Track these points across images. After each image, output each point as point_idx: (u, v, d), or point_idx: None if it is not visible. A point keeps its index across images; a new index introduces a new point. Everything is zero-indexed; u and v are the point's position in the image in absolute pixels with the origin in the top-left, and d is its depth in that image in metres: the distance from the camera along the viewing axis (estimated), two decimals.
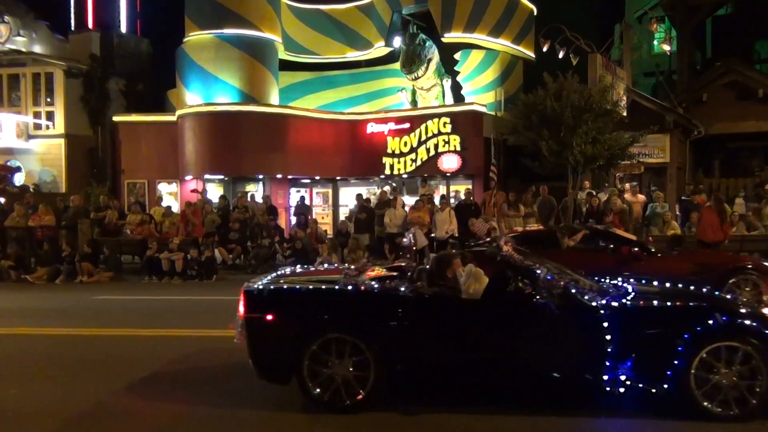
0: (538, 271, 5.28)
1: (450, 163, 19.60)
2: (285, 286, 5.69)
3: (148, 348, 7.81)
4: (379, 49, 23.19)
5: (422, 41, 21.06)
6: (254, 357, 5.36)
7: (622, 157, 15.80)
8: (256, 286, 5.53)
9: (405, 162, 20.33)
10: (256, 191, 19.88)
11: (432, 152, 19.85)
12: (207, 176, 20.24)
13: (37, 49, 24.19)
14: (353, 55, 23.66)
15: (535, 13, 23.36)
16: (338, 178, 21.83)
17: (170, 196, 20.97)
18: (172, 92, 22.52)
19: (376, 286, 5.51)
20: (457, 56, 22.32)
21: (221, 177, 20.59)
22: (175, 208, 18.79)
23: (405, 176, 20.49)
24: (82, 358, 7.33)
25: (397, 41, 22.53)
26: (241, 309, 5.39)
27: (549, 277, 5.23)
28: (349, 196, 20.70)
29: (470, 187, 18.96)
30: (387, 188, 19.07)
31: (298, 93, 23.53)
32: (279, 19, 21.65)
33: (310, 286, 5.64)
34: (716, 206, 12.33)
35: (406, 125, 20.48)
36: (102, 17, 26.72)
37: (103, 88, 24.00)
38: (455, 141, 19.54)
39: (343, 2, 23.52)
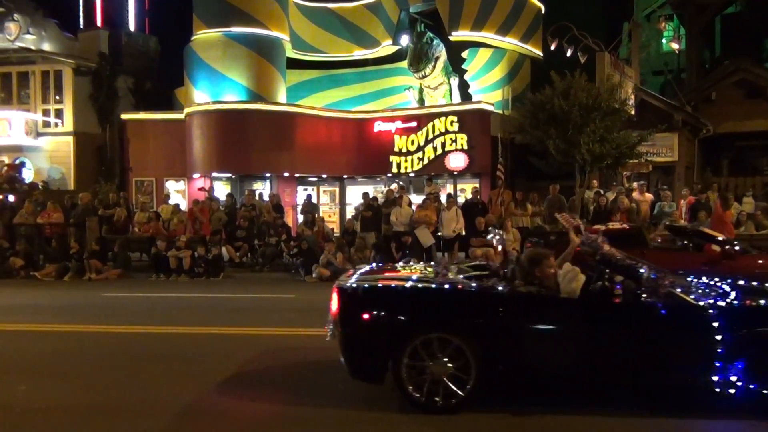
0: (642, 270, 5.18)
1: (457, 161, 19.59)
2: (380, 285, 5.59)
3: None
4: (386, 48, 23.18)
5: (429, 39, 21.05)
6: (348, 356, 5.26)
7: (630, 156, 15.77)
8: (350, 284, 5.40)
9: (412, 160, 20.33)
10: (263, 189, 19.92)
11: (439, 151, 19.84)
12: (214, 174, 20.31)
13: (47, 47, 24.31)
14: (360, 54, 23.67)
15: (543, 12, 23.29)
16: (345, 176, 21.85)
17: (178, 193, 21.05)
18: (180, 90, 22.60)
19: (474, 284, 5.41)
20: (464, 55, 22.28)
21: (229, 175, 20.65)
22: (183, 205, 18.86)
23: (412, 175, 20.49)
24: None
25: (405, 40, 22.52)
26: (335, 307, 5.28)
27: (653, 276, 5.11)
28: (356, 195, 20.73)
29: (477, 185, 18.96)
30: (394, 186, 19.07)
31: (305, 91, 23.56)
32: (287, 17, 21.68)
33: (407, 285, 5.49)
34: (721, 202, 12.35)
35: (413, 124, 20.47)
36: (111, 15, 26.85)
37: (111, 86, 24.10)
38: (462, 140, 19.52)
39: (350, 1, 23.53)
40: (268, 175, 20.69)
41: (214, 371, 6.35)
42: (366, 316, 5.15)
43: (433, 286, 5.42)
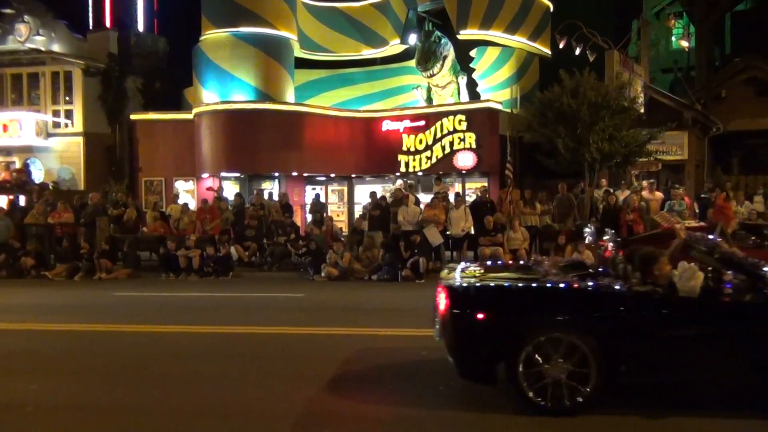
0: (766, 269, 5.12)
1: (465, 160, 19.56)
2: (492, 284, 5.50)
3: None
4: (394, 47, 23.17)
5: (438, 38, 21.03)
6: (459, 356, 5.20)
7: (639, 155, 15.70)
8: (460, 283, 5.31)
9: (420, 159, 20.31)
10: (271, 189, 19.96)
11: (447, 150, 19.81)
12: (223, 174, 20.37)
13: (56, 48, 24.46)
14: (369, 53, 23.67)
15: (552, 10, 23.20)
16: (353, 175, 21.86)
17: (187, 193, 21.13)
18: (189, 90, 22.67)
19: (591, 283, 5.31)
20: (472, 53, 22.24)
21: (237, 174, 20.70)
22: (192, 205, 18.92)
23: (420, 174, 20.48)
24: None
25: (413, 38, 22.50)
26: (443, 306, 5.19)
27: None
28: (364, 194, 20.73)
29: (486, 184, 18.93)
30: (399, 182, 19.04)
31: (313, 91, 23.58)
32: (295, 17, 21.71)
33: (522, 284, 5.39)
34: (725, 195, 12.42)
35: (422, 123, 20.46)
36: (120, 16, 26.97)
37: (120, 86, 24.22)
38: (471, 138, 19.49)
39: (358, 0, 23.54)
40: (276, 174, 20.72)
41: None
42: (480, 316, 5.06)
43: (549, 285, 5.31)
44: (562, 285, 5.26)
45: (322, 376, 6.13)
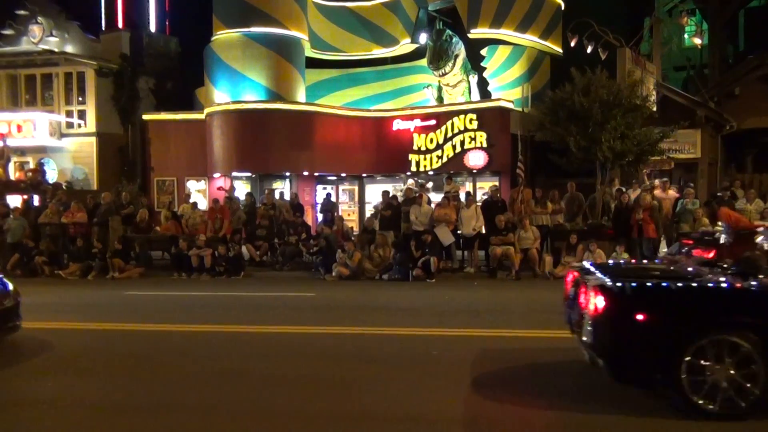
0: None
1: (476, 159, 19.51)
2: (652, 284, 5.22)
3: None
4: (405, 46, 23.16)
5: (449, 37, 20.99)
6: (613, 358, 5.05)
7: (651, 153, 15.61)
8: (615, 283, 5.11)
9: (431, 159, 20.28)
10: (282, 188, 20.02)
11: (458, 149, 19.77)
12: (234, 173, 20.45)
13: (69, 49, 24.64)
14: (379, 52, 23.67)
15: (563, 8, 23.10)
16: (364, 175, 21.87)
17: (199, 193, 21.23)
18: (201, 90, 22.77)
19: (755, 283, 5.14)
20: (483, 52, 22.19)
21: (248, 174, 20.78)
22: (203, 205, 19.02)
23: (431, 173, 20.45)
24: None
25: (423, 38, 22.48)
26: (597, 307, 5.01)
27: None
28: (375, 193, 20.75)
29: (497, 183, 18.87)
30: (411, 182, 19.01)
31: (324, 90, 23.62)
32: (306, 16, 21.75)
33: (682, 284, 5.19)
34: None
35: (432, 122, 20.43)
36: (132, 17, 27.08)
37: (133, 87, 24.36)
38: (482, 137, 19.44)
39: None
40: (287, 174, 20.78)
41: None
42: (640, 317, 4.89)
43: (711, 285, 5.19)
44: (724, 284, 5.13)
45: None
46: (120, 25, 26.42)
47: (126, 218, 16.37)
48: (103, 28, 26.53)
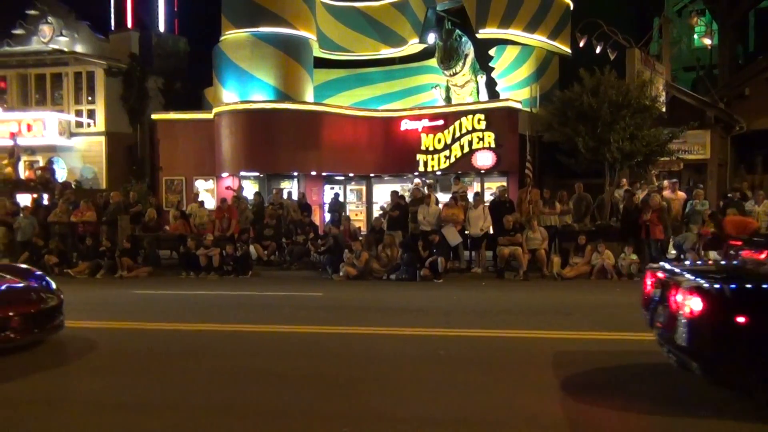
0: None
1: (484, 160, 19.49)
2: (750, 285, 5.00)
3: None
4: (413, 46, 23.16)
5: (459, 36, 20.97)
6: (710, 361, 4.88)
7: (660, 154, 15.56)
8: (713, 285, 4.89)
9: (439, 159, 20.27)
10: (290, 188, 20.06)
11: (466, 149, 19.75)
12: (243, 173, 20.51)
13: (79, 48, 24.80)
14: (387, 52, 23.67)
15: (572, 8, 23.04)
16: (372, 175, 21.88)
17: (207, 192, 21.30)
18: (209, 90, 22.85)
19: None
20: (491, 52, 22.15)
21: (257, 174, 20.83)
22: (212, 204, 19.08)
23: (439, 173, 20.44)
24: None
25: (432, 38, 22.47)
26: (693, 309, 4.83)
27: None
28: (382, 193, 20.76)
29: (505, 184, 18.83)
30: (417, 180, 18.99)
31: (332, 90, 23.65)
32: (314, 16, 21.78)
33: None
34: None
35: (440, 122, 20.42)
36: (141, 17, 27.24)
37: (142, 86, 24.49)
38: (490, 138, 19.41)
39: None
40: (295, 173, 20.82)
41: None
42: (741, 319, 4.72)
43: None
44: None
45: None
46: (129, 25, 26.59)
47: (134, 217, 16.43)
48: (113, 28, 26.72)
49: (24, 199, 18.28)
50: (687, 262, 12.46)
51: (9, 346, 6.91)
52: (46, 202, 18.02)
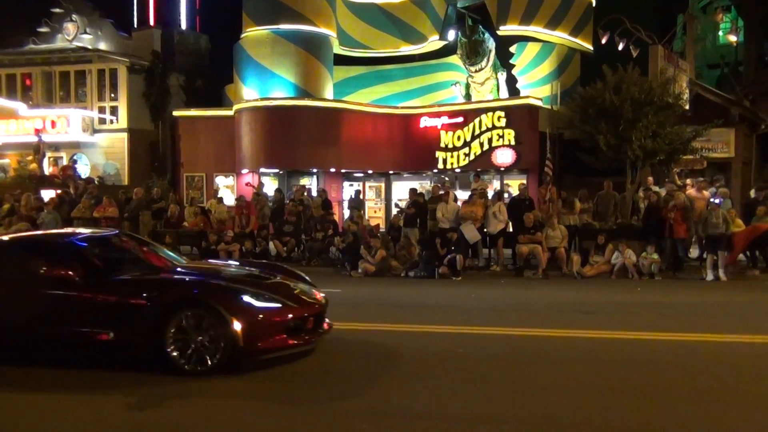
0: None
1: (504, 157, 19.39)
2: None
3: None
4: (433, 43, 23.09)
5: (482, 32, 20.89)
6: None
7: (683, 152, 15.37)
8: None
9: (458, 156, 20.21)
10: (310, 185, 20.13)
11: (486, 146, 19.67)
12: (262, 170, 20.62)
13: (102, 46, 25.08)
14: (407, 49, 23.63)
15: (594, 4, 22.82)
16: (391, 172, 21.88)
17: (227, 189, 21.46)
18: (230, 87, 23.00)
19: None
20: (512, 49, 22.01)
21: (276, 170, 20.92)
22: (231, 200, 19.20)
23: (458, 171, 20.38)
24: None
25: (452, 35, 22.38)
26: None
27: None
28: (401, 190, 20.74)
29: (524, 181, 18.73)
30: (433, 181, 18.93)
31: (352, 87, 23.68)
32: (334, 13, 21.82)
33: None
34: None
35: (460, 119, 20.35)
36: (163, 14, 27.48)
37: (163, 83, 24.69)
38: (510, 135, 19.30)
39: None
40: (315, 170, 20.89)
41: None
42: None
43: None
44: None
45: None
46: (151, 22, 26.83)
47: (156, 213, 16.59)
48: (135, 26, 26.98)
49: (48, 195, 18.53)
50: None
51: (302, 349, 6.47)
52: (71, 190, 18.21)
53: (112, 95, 24.41)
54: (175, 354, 5.88)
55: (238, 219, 16.09)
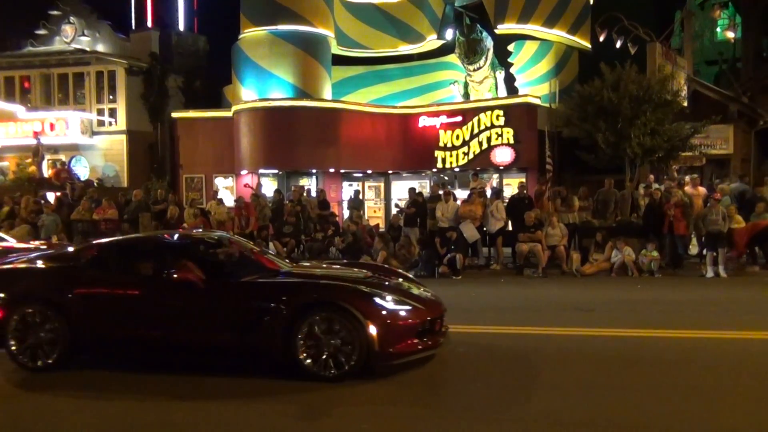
0: None
1: (503, 156, 19.39)
2: None
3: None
4: (431, 42, 23.10)
5: (480, 31, 20.90)
6: None
7: (682, 149, 15.39)
8: None
9: (457, 155, 20.21)
10: (309, 185, 20.13)
11: (485, 145, 19.67)
12: (261, 170, 20.61)
13: (100, 48, 25.08)
14: (405, 49, 23.64)
15: (591, 2, 22.83)
16: (390, 171, 21.88)
17: (226, 190, 21.45)
18: (228, 88, 23.00)
19: None
20: (510, 48, 22.03)
21: (275, 171, 20.92)
22: (230, 201, 19.19)
23: (457, 170, 20.39)
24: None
25: (449, 34, 22.39)
26: None
27: None
28: (401, 190, 20.75)
29: (524, 180, 18.74)
30: (435, 178, 18.93)
31: (350, 87, 23.68)
32: (332, 14, 21.82)
33: None
34: None
35: (459, 118, 20.35)
36: (161, 16, 27.44)
37: (162, 85, 24.68)
38: (508, 134, 19.31)
39: None
40: (314, 171, 20.89)
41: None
42: None
43: None
44: None
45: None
46: (149, 24, 26.80)
47: (156, 215, 16.59)
48: (133, 28, 26.94)
49: (50, 198, 18.52)
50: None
51: (429, 353, 6.17)
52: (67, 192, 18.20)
53: (111, 97, 24.40)
54: (306, 359, 5.68)
55: (238, 220, 16.08)
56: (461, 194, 17.37)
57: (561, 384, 5.72)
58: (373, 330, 5.61)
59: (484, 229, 14.50)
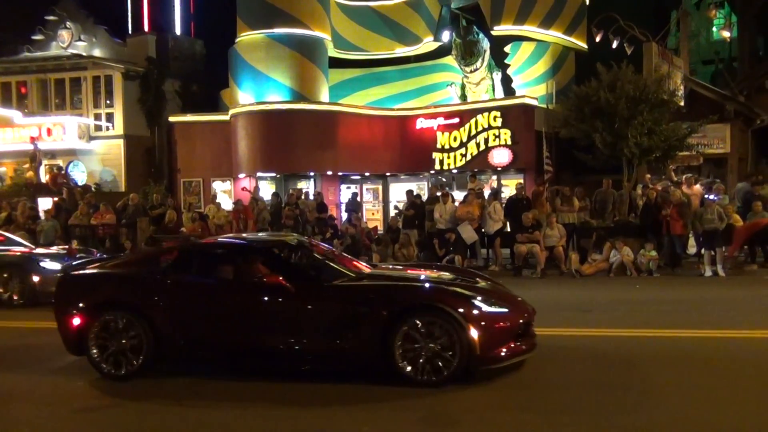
0: None
1: (501, 157, 19.41)
2: None
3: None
4: (427, 44, 23.12)
5: (476, 33, 20.93)
6: None
7: (679, 149, 15.42)
8: None
9: (455, 157, 20.22)
10: (307, 188, 20.12)
11: (482, 147, 19.68)
12: (259, 174, 20.60)
13: (97, 52, 25.06)
14: (402, 51, 23.66)
15: (587, 3, 22.86)
16: (388, 174, 21.88)
17: (224, 194, 21.44)
18: (225, 92, 23.00)
19: None
20: (507, 49, 22.04)
21: (273, 174, 20.91)
22: (229, 205, 19.18)
23: (455, 171, 20.39)
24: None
25: (446, 36, 22.41)
26: None
27: None
28: (399, 192, 20.75)
29: (521, 181, 18.74)
30: (433, 180, 18.93)
31: (347, 90, 23.68)
32: (329, 17, 21.83)
33: None
34: None
35: (456, 120, 20.36)
36: (157, 20, 27.48)
37: (159, 89, 24.69)
38: (506, 135, 19.33)
39: None
40: (311, 173, 20.88)
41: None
42: None
43: None
44: None
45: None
46: (146, 28, 26.85)
47: (154, 219, 16.58)
48: (130, 32, 26.99)
49: (45, 203, 18.50)
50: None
51: (527, 356, 6.00)
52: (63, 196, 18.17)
53: (108, 102, 24.41)
54: (404, 363, 5.51)
55: (236, 224, 16.06)
56: (459, 196, 17.38)
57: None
58: (474, 333, 5.47)
59: (483, 230, 14.49)
